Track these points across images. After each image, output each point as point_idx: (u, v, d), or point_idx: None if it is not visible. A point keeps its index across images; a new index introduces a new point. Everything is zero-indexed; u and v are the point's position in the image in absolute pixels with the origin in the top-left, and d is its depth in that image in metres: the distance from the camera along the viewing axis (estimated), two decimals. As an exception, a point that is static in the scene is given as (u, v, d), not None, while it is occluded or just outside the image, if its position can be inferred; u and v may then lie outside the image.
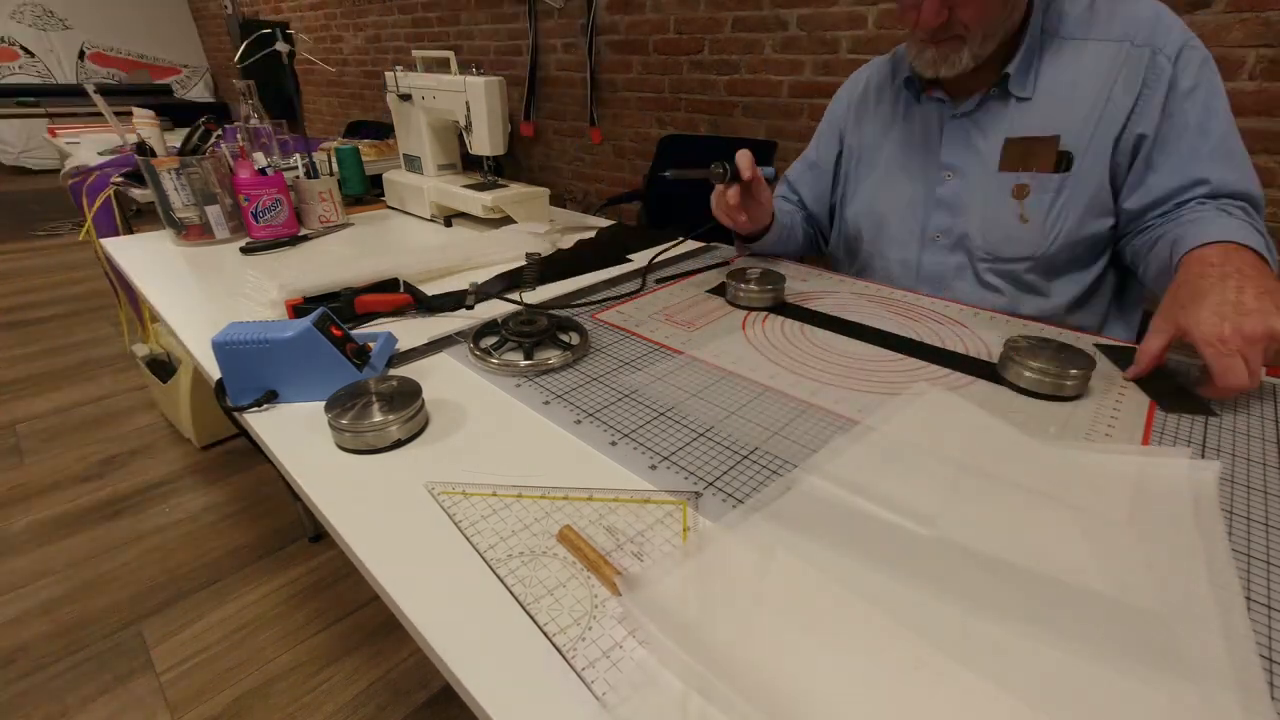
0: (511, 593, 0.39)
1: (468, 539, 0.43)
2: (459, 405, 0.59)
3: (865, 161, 0.96)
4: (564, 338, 0.71)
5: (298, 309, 0.76)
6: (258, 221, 1.09)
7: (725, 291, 0.84)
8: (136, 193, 1.52)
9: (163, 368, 1.72)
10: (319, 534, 1.42)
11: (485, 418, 0.58)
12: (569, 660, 0.34)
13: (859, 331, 0.74)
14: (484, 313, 0.78)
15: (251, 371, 0.58)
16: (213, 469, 1.65)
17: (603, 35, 2.34)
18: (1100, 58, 0.74)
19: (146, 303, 0.87)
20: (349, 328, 0.64)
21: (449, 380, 0.64)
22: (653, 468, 0.50)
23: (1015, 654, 0.34)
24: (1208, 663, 0.33)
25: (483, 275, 0.91)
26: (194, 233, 1.08)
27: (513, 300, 0.79)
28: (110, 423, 1.84)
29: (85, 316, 2.56)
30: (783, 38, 1.85)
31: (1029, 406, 0.58)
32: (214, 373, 0.62)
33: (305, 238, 1.13)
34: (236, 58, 1.37)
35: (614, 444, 0.53)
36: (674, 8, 2.07)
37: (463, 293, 0.80)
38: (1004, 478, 0.48)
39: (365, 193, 1.39)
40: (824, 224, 1.09)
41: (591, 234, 1.15)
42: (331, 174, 1.24)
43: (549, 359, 0.66)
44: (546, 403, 0.60)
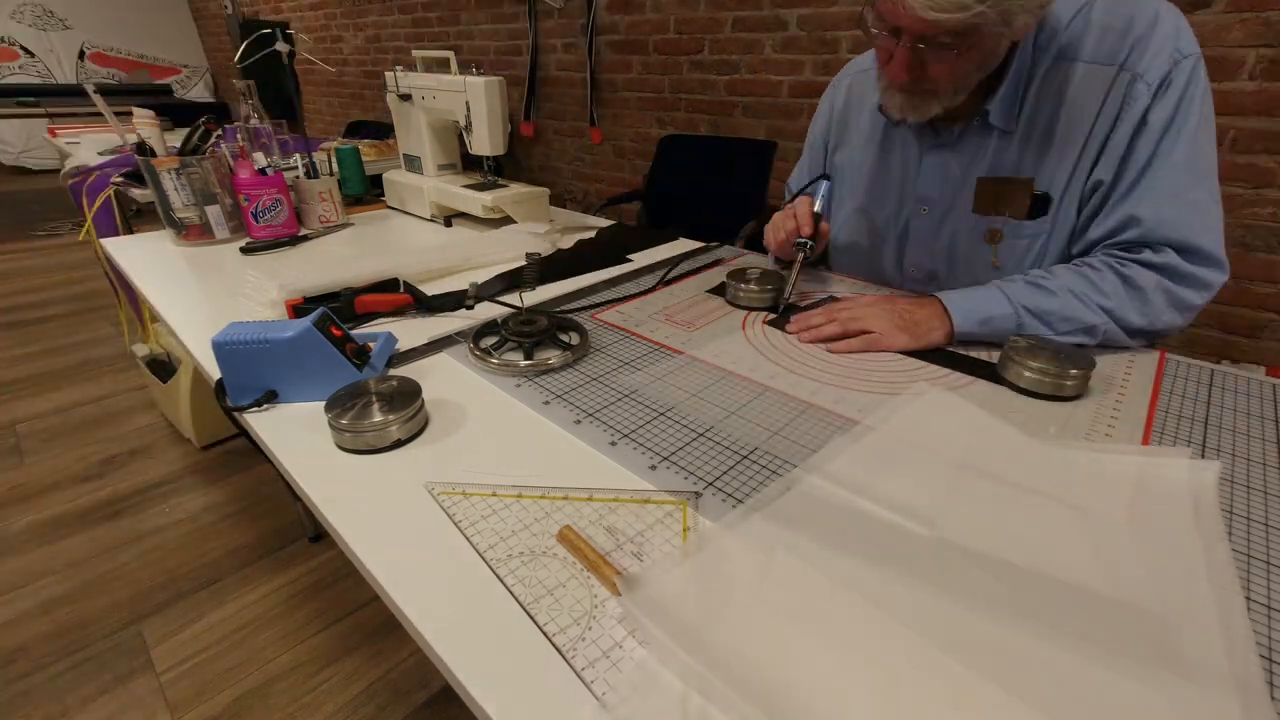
0: (511, 593, 0.39)
1: (468, 539, 0.43)
2: (459, 405, 0.59)
3: (846, 184, 0.91)
4: (564, 338, 0.71)
5: (298, 309, 0.76)
6: (258, 221, 1.09)
7: (725, 291, 0.84)
8: (136, 193, 1.52)
9: (163, 368, 1.72)
10: (319, 534, 1.42)
11: (485, 418, 0.58)
12: (569, 660, 0.34)
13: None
14: (484, 313, 0.78)
15: (251, 371, 0.58)
16: (213, 469, 1.65)
17: (603, 35, 2.34)
18: (1088, 84, 0.66)
19: (146, 303, 0.87)
20: (349, 328, 0.64)
21: (449, 380, 0.64)
22: (653, 468, 0.50)
23: (1015, 654, 0.34)
24: (1208, 663, 0.33)
25: (483, 275, 0.91)
26: (194, 233, 1.08)
27: (508, 304, 0.79)
28: (110, 423, 1.84)
29: (85, 316, 2.56)
30: (783, 38, 1.85)
31: (1029, 406, 0.58)
32: (214, 373, 0.62)
33: (305, 238, 1.13)
34: (236, 58, 1.37)
35: (614, 444, 0.53)
36: (674, 8, 2.07)
37: (463, 293, 0.80)
38: (1004, 478, 0.48)
39: (365, 193, 1.39)
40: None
41: (591, 234, 1.15)
42: (331, 174, 1.24)
43: (549, 359, 0.66)
44: (546, 403, 0.60)
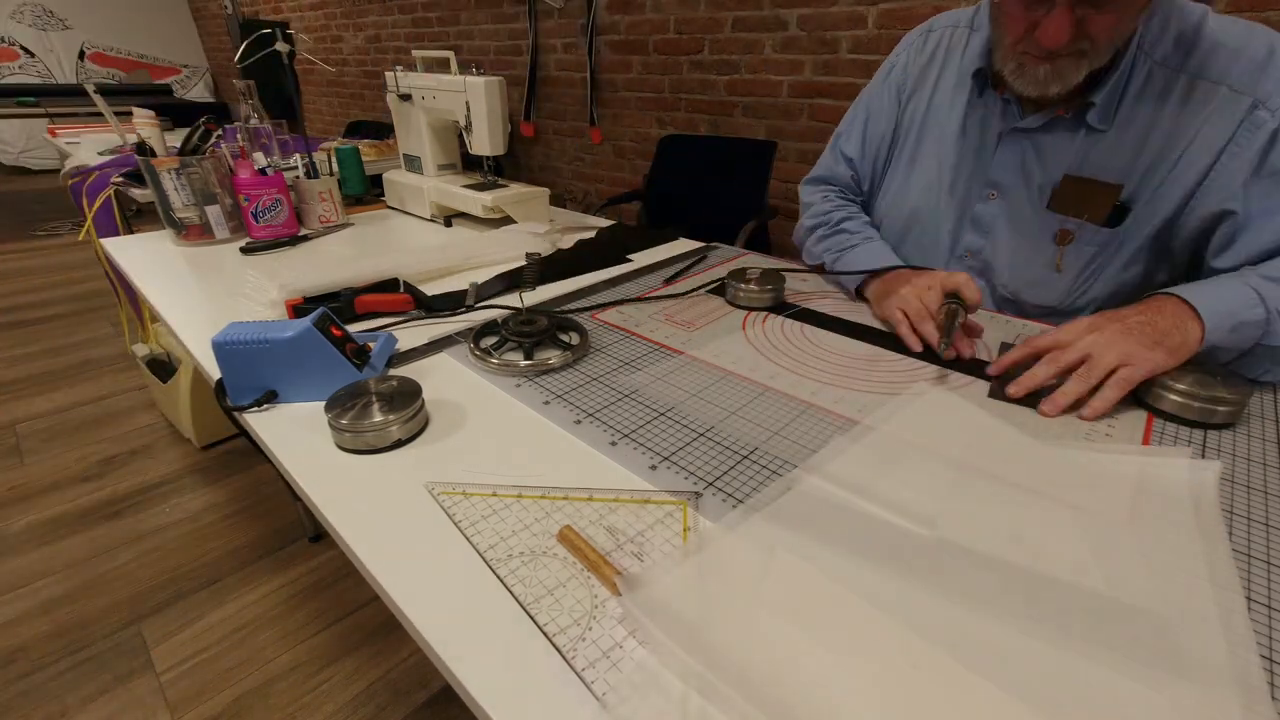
0: (511, 593, 0.39)
1: (468, 539, 0.43)
2: (459, 405, 0.59)
3: (910, 147, 0.85)
4: (564, 338, 0.71)
5: (298, 309, 0.76)
6: (258, 221, 1.09)
7: (725, 291, 0.84)
8: (136, 193, 1.52)
9: (163, 368, 1.72)
10: (319, 534, 1.42)
11: (485, 418, 0.58)
12: (569, 660, 0.34)
13: (859, 331, 0.75)
14: (484, 312, 0.78)
15: (251, 371, 0.58)
16: (213, 469, 1.65)
17: (603, 35, 2.34)
18: (1190, 98, 0.63)
19: (146, 303, 0.87)
20: (349, 328, 0.65)
21: (449, 380, 0.64)
22: (653, 468, 0.50)
23: (1015, 654, 0.34)
24: (1208, 663, 0.33)
25: (483, 275, 0.91)
26: (194, 233, 1.08)
27: (505, 306, 0.79)
28: (110, 423, 1.84)
29: (85, 316, 2.56)
30: (783, 38, 1.85)
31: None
32: (214, 373, 0.62)
33: (305, 238, 1.13)
34: (236, 58, 1.37)
35: (614, 444, 0.53)
36: (674, 8, 2.07)
37: (463, 293, 0.80)
38: (1004, 478, 0.48)
39: (365, 193, 1.39)
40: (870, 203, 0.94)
41: (591, 234, 1.15)
42: (331, 174, 1.24)
43: (549, 359, 0.66)
44: (546, 403, 0.60)
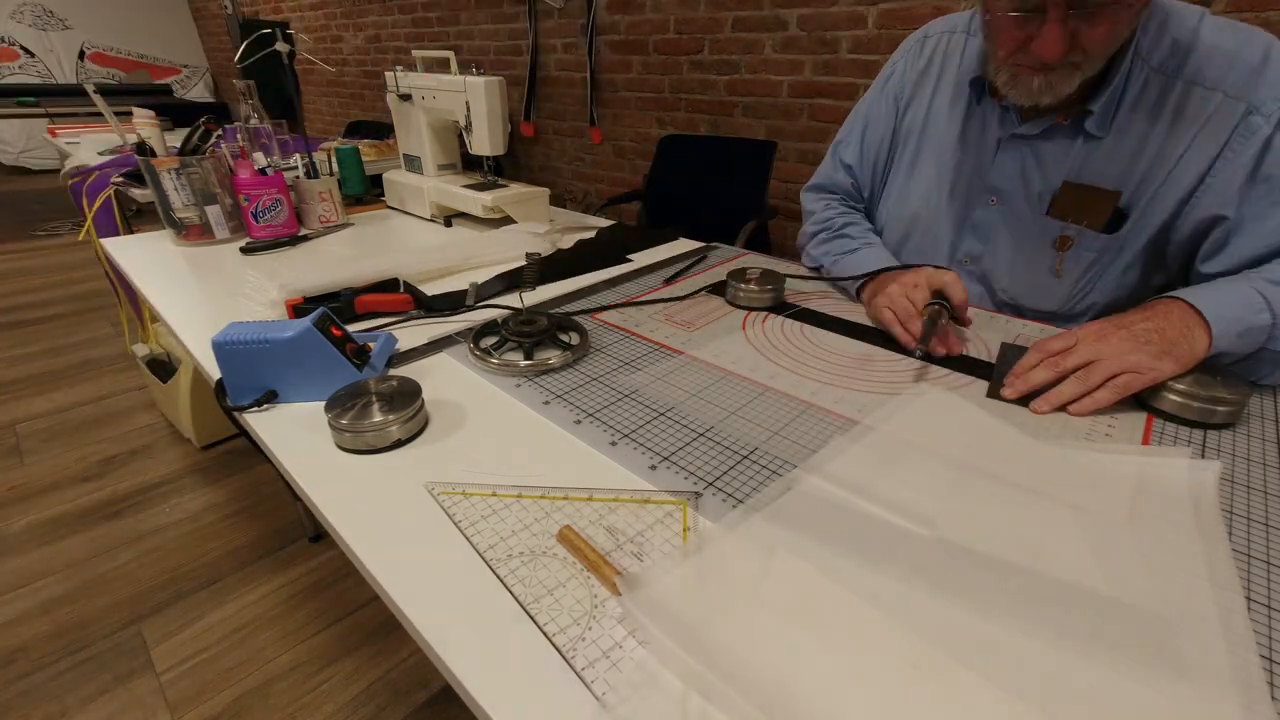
0: (511, 593, 0.39)
1: (468, 539, 0.43)
2: (459, 405, 0.59)
3: (909, 153, 0.86)
4: (564, 338, 0.71)
5: (298, 309, 0.76)
6: (258, 221, 1.09)
7: (725, 291, 0.84)
8: (136, 193, 1.52)
9: (163, 368, 1.72)
10: (319, 534, 1.42)
11: (485, 418, 0.58)
12: (569, 660, 0.34)
13: (859, 331, 0.75)
14: (484, 313, 0.78)
15: (251, 371, 0.58)
16: (213, 469, 1.65)
17: (603, 35, 2.34)
18: (1186, 104, 0.64)
19: (146, 303, 0.87)
20: (349, 328, 0.65)
21: (449, 380, 0.64)
22: (653, 468, 0.50)
23: (1015, 654, 0.34)
24: (1208, 663, 0.33)
25: (483, 275, 0.91)
26: (194, 233, 1.08)
27: (505, 306, 0.79)
28: (110, 423, 1.84)
29: (85, 316, 2.56)
30: (783, 38, 1.85)
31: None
32: (214, 373, 0.62)
33: (305, 238, 1.13)
34: (236, 58, 1.37)
35: (614, 444, 0.53)
36: (674, 8, 2.07)
37: (463, 293, 0.80)
38: (1004, 478, 0.48)
39: (365, 193, 1.39)
40: (871, 210, 0.96)
41: (591, 234, 1.15)
42: (331, 174, 1.24)
43: (549, 359, 0.66)
44: (546, 403, 0.60)
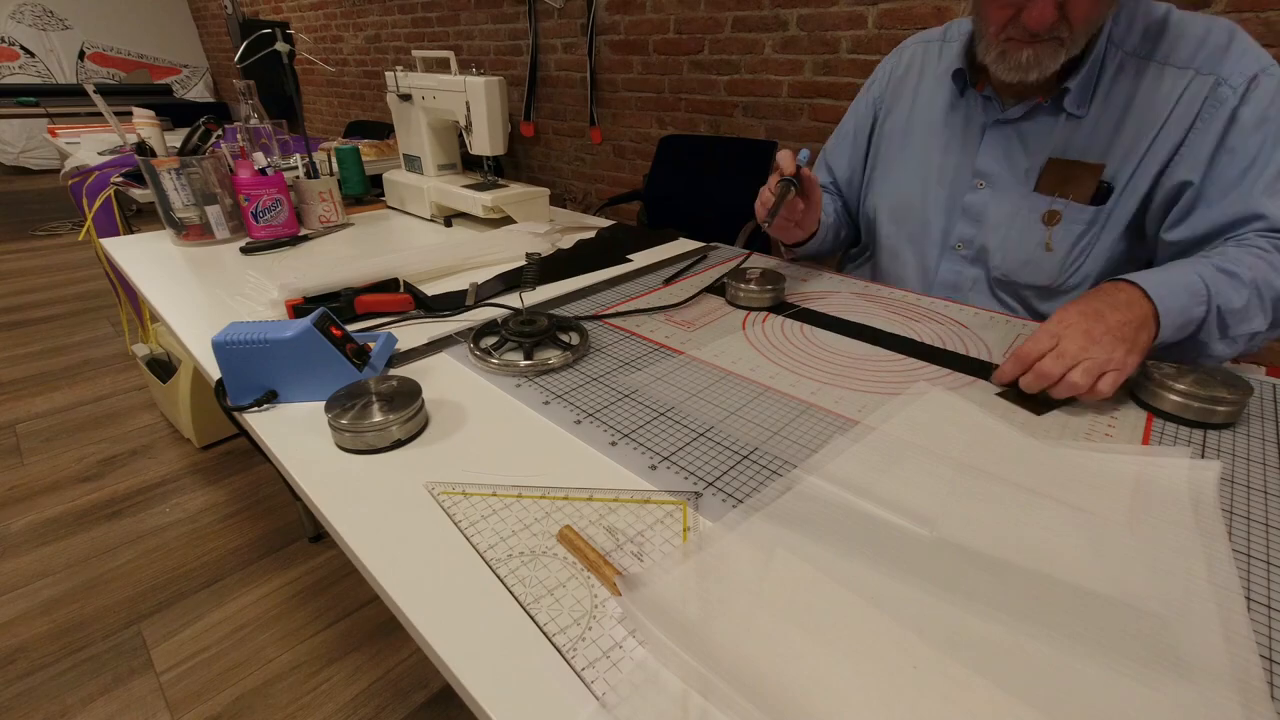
0: (511, 593, 0.39)
1: (468, 539, 0.43)
2: (459, 405, 0.59)
3: (896, 146, 0.90)
4: (564, 338, 0.71)
5: (298, 309, 0.76)
6: (258, 221, 1.09)
7: (725, 291, 0.84)
8: (136, 193, 1.52)
9: (163, 368, 1.72)
10: (319, 534, 1.42)
11: (485, 418, 0.58)
12: (569, 660, 0.34)
13: (859, 331, 0.75)
14: (484, 313, 0.78)
15: (251, 371, 0.58)
16: (213, 469, 1.65)
17: (603, 35, 2.34)
18: (1161, 83, 0.68)
19: (146, 303, 0.87)
20: (349, 328, 0.65)
21: (449, 380, 0.64)
22: (653, 468, 0.50)
23: (1015, 654, 0.34)
24: (1208, 663, 0.33)
25: (483, 275, 0.91)
26: (194, 233, 1.08)
27: (505, 306, 0.79)
28: (110, 423, 1.84)
29: (85, 316, 2.56)
30: (783, 38, 1.85)
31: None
32: (214, 373, 0.62)
33: (305, 238, 1.13)
34: (236, 58, 1.37)
35: (614, 444, 0.53)
36: (674, 8, 2.07)
37: (463, 293, 0.80)
38: (1004, 478, 0.48)
39: (365, 193, 1.39)
40: (854, 206, 1.03)
41: (591, 234, 1.15)
42: (331, 174, 1.24)
43: (549, 359, 0.66)
44: (546, 403, 0.60)
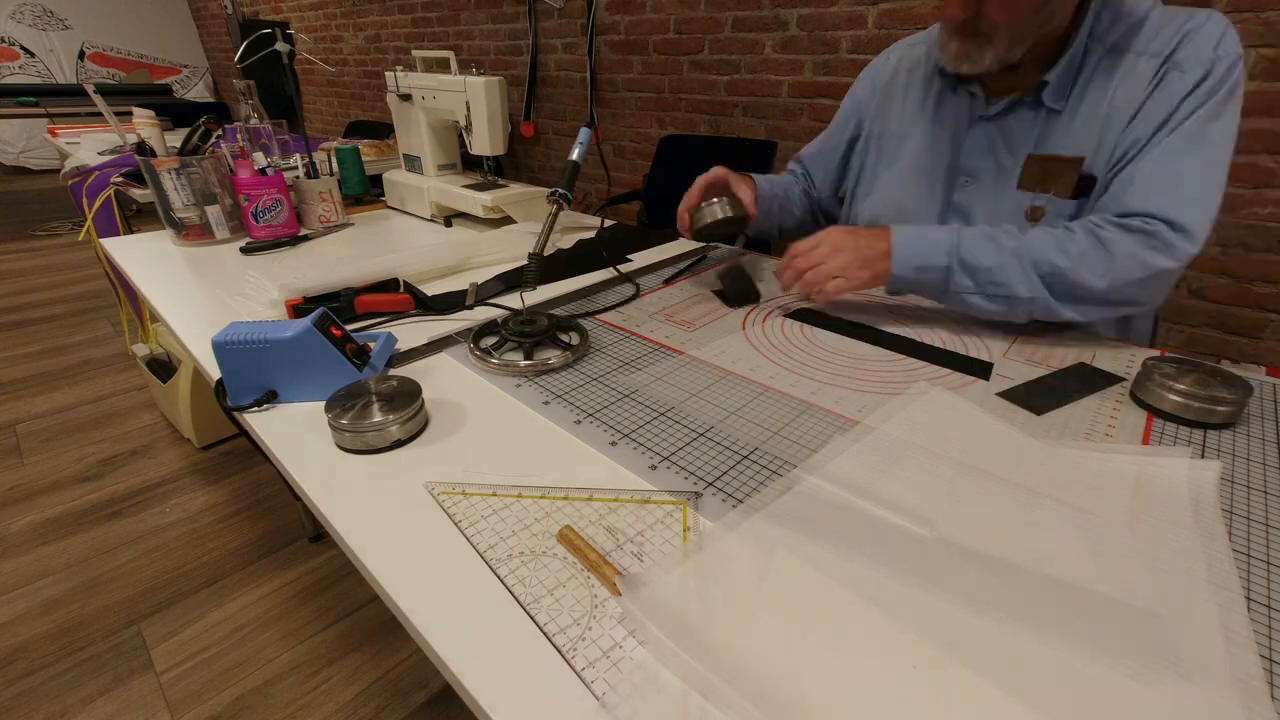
0: (511, 593, 0.39)
1: (468, 539, 0.43)
2: (459, 405, 0.59)
3: (886, 152, 0.90)
4: (564, 338, 0.71)
5: (298, 309, 0.76)
6: (258, 221, 1.09)
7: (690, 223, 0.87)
8: (136, 193, 1.52)
9: (163, 368, 1.72)
10: (319, 534, 1.42)
11: (485, 418, 0.58)
12: (569, 660, 0.34)
13: (859, 331, 0.75)
14: (484, 313, 0.78)
15: (251, 371, 0.58)
16: (213, 469, 1.65)
17: (603, 35, 2.33)
18: (1136, 73, 0.68)
19: (146, 303, 0.87)
20: (349, 328, 0.65)
21: (449, 380, 0.64)
22: (653, 468, 0.50)
23: (1015, 654, 0.34)
24: (1208, 663, 0.33)
25: (483, 275, 0.91)
26: (194, 233, 1.08)
27: (505, 306, 0.79)
28: (110, 423, 1.84)
29: (85, 316, 2.56)
30: (783, 38, 1.85)
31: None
32: (214, 373, 0.62)
33: (305, 238, 1.13)
34: (236, 58, 1.37)
35: (614, 444, 0.53)
36: (674, 8, 2.07)
37: (463, 293, 0.80)
38: (1004, 478, 0.48)
39: (365, 193, 1.39)
40: (832, 209, 1.05)
41: (591, 234, 1.15)
42: (331, 174, 1.24)
43: (549, 359, 0.66)
44: (546, 403, 0.60)
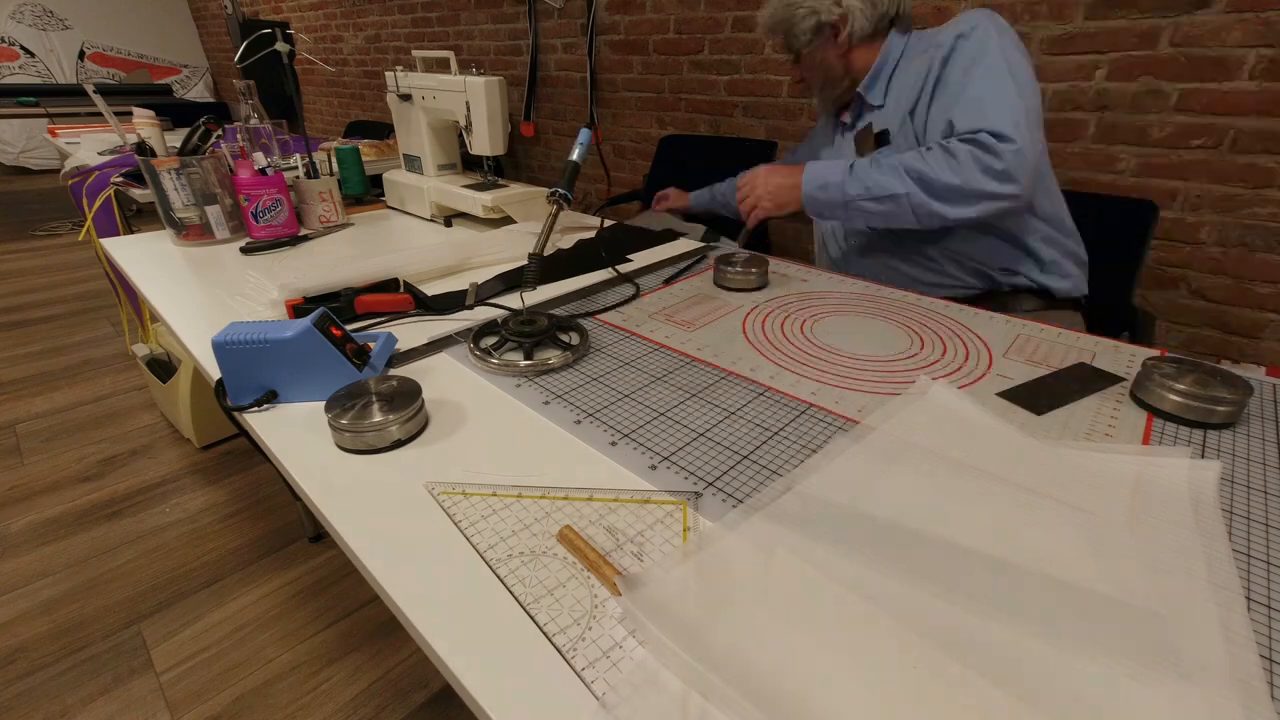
0: (511, 593, 0.39)
1: (468, 539, 0.43)
2: (459, 405, 0.59)
3: (816, 153, 1.19)
4: (564, 338, 0.71)
5: (298, 309, 0.76)
6: (258, 221, 1.09)
7: (715, 277, 0.90)
8: (136, 193, 1.52)
9: (163, 368, 1.72)
10: (319, 534, 1.42)
11: (485, 418, 0.58)
12: (569, 660, 0.34)
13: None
14: (484, 313, 0.78)
15: (251, 371, 0.58)
16: (213, 469, 1.65)
17: (603, 35, 2.33)
18: (921, 61, 0.94)
19: (146, 303, 0.87)
20: (349, 328, 0.65)
21: (449, 380, 0.64)
22: (653, 468, 0.50)
23: (1015, 653, 0.34)
24: (1208, 663, 0.33)
25: (483, 275, 0.91)
26: (194, 233, 1.08)
27: (505, 306, 0.79)
28: (110, 423, 1.84)
29: (85, 316, 2.55)
30: (783, 38, 1.85)
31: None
32: (214, 373, 0.62)
33: (305, 238, 1.13)
34: (236, 58, 1.37)
35: (614, 444, 0.53)
36: (674, 8, 2.07)
37: (463, 293, 0.80)
38: (1004, 477, 0.48)
39: (365, 193, 1.39)
40: None
41: (591, 234, 1.15)
42: (331, 174, 1.24)
43: (549, 359, 0.66)
44: (546, 403, 0.60)
